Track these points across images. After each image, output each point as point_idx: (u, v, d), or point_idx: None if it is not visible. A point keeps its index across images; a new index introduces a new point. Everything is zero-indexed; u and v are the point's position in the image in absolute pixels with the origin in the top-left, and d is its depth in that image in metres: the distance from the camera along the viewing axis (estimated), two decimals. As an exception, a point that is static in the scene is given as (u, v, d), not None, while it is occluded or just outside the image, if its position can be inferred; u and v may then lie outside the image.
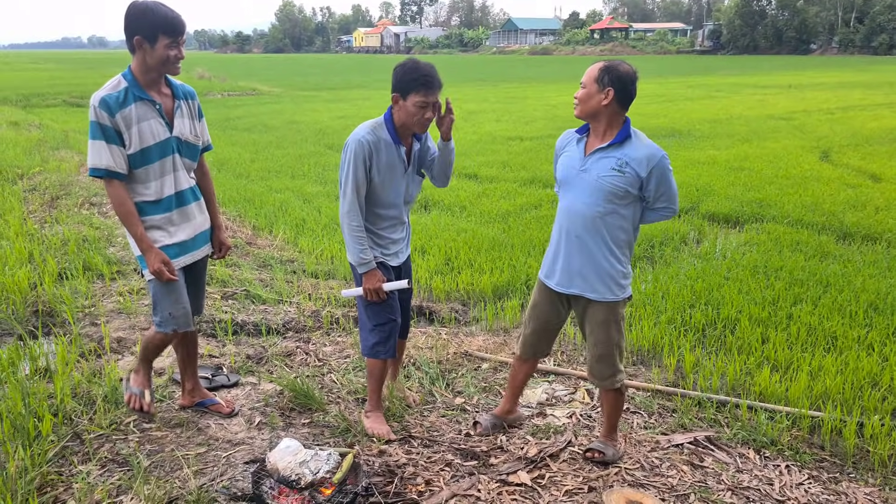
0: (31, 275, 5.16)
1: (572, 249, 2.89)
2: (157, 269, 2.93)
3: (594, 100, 2.77)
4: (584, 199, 2.83)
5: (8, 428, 3.09)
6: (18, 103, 20.87)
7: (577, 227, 2.86)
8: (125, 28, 2.83)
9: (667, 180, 2.79)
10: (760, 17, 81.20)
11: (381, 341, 3.21)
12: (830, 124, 14.88)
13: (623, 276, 2.90)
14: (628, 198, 2.79)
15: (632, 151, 2.77)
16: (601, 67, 2.77)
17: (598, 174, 2.79)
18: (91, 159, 2.84)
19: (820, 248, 6.07)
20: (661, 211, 2.88)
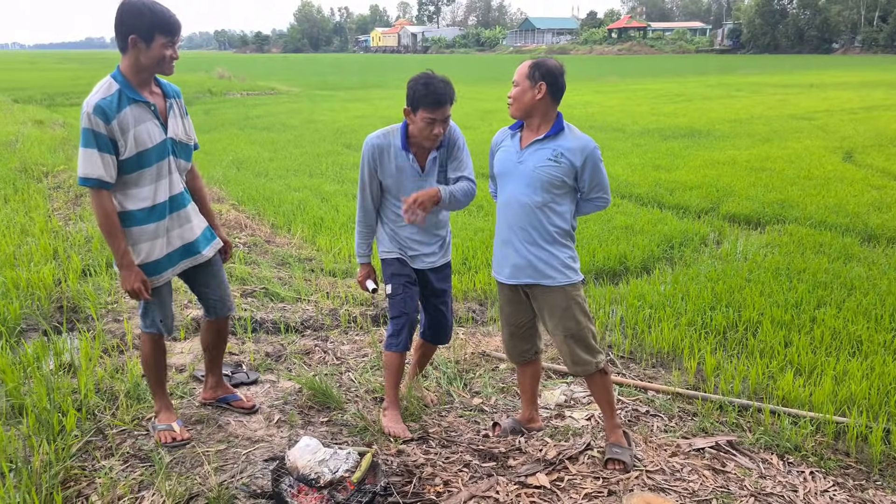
0: (55, 271, 5.23)
1: (516, 240, 2.96)
2: (136, 288, 2.89)
3: (528, 95, 2.86)
4: (523, 189, 2.91)
5: (33, 422, 3.14)
6: (43, 102, 21.20)
7: (518, 218, 2.94)
8: (118, 26, 2.74)
9: (599, 170, 2.91)
10: (781, 16, 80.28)
11: (392, 333, 3.26)
12: (854, 124, 14.67)
13: (571, 259, 2.97)
14: (564, 188, 2.90)
15: (566, 142, 2.88)
16: (531, 65, 2.86)
17: (535, 165, 2.88)
18: (82, 168, 2.75)
19: (844, 251, 5.98)
20: (596, 201, 2.99)
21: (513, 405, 3.65)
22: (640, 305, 4.75)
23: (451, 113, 3.09)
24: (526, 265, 2.95)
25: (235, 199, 8.27)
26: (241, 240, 6.54)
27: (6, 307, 4.36)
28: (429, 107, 2.99)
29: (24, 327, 4.43)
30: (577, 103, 19.90)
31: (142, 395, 3.52)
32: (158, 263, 2.98)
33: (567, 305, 2.94)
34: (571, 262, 2.97)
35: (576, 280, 2.97)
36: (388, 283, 3.29)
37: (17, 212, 7.15)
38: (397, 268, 3.28)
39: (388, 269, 3.31)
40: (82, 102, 2.84)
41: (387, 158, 3.16)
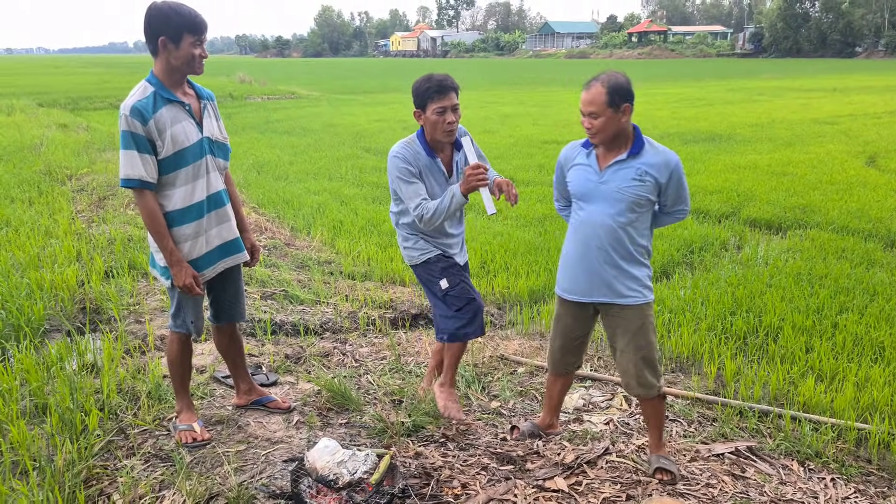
0: (79, 272, 5.32)
1: (596, 260, 2.88)
2: (188, 284, 2.93)
3: (614, 124, 2.74)
4: (607, 210, 2.83)
5: (57, 421, 3.19)
6: (67, 106, 21.54)
7: (598, 239, 2.86)
8: (147, 30, 2.81)
9: (682, 184, 2.85)
10: (804, 20, 79.36)
11: (466, 322, 3.24)
12: (877, 129, 14.47)
13: (648, 277, 2.93)
14: (648, 205, 2.84)
15: (649, 159, 2.79)
16: (608, 91, 2.69)
17: (619, 185, 2.80)
18: (124, 170, 2.81)
19: (866, 256, 5.90)
20: (676, 214, 2.95)
21: (531, 409, 3.64)
22: (660, 310, 4.72)
23: (459, 103, 3.08)
24: (602, 284, 2.89)
25: (256, 202, 8.36)
26: (261, 242, 6.60)
27: (30, 308, 4.44)
28: (435, 96, 3.03)
29: (48, 328, 4.51)
30: (595, 107, 19.77)
31: (163, 396, 3.56)
32: (198, 263, 3.02)
33: (641, 324, 2.89)
34: (648, 280, 2.92)
35: (651, 299, 2.92)
36: (443, 277, 3.25)
37: (41, 214, 7.28)
38: (444, 262, 3.27)
39: (435, 267, 3.27)
40: (106, 108, 2.89)
41: (419, 163, 3.16)
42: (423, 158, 3.16)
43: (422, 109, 3.09)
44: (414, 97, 3.11)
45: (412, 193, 3.09)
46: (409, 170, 3.11)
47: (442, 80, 3.05)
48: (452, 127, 3.09)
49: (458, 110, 3.10)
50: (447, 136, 3.11)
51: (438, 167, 3.18)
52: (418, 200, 3.08)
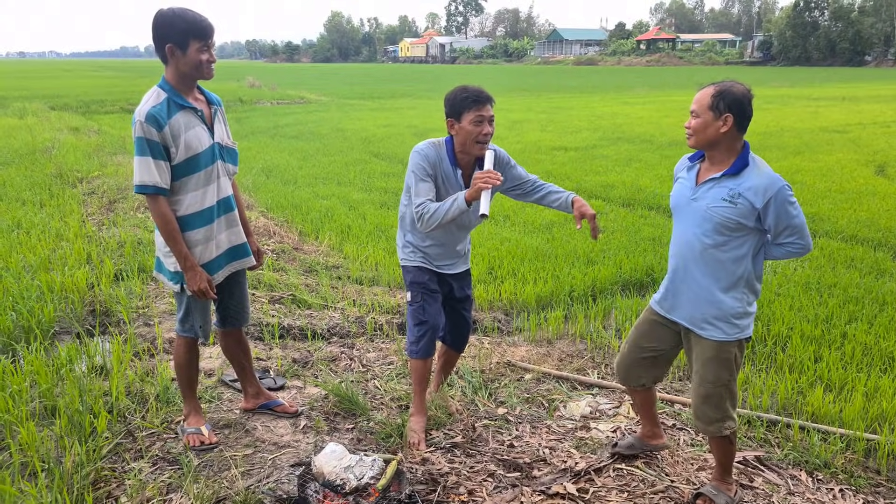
0: (89, 275, 5.35)
1: (681, 279, 2.77)
2: (202, 288, 2.95)
3: (711, 128, 2.60)
4: (694, 229, 2.70)
5: (66, 423, 3.21)
6: (79, 109, 21.68)
7: (686, 258, 2.74)
8: (155, 38, 2.83)
9: (787, 213, 2.57)
10: (813, 29, 79.25)
11: (413, 340, 3.28)
12: (887, 138, 14.41)
13: (738, 314, 2.68)
14: (743, 230, 2.61)
15: (746, 181, 2.59)
16: (714, 93, 2.58)
17: (708, 205, 2.64)
18: (138, 176, 2.82)
19: (876, 265, 5.87)
20: (788, 247, 2.65)
21: (537, 415, 3.64)
22: (667, 318, 4.71)
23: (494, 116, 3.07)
24: (686, 305, 2.76)
25: (264, 207, 8.39)
26: (269, 247, 6.62)
27: (41, 310, 4.47)
28: (472, 106, 3.01)
29: (58, 330, 4.54)
30: (604, 114, 19.84)
31: (171, 399, 3.58)
32: (209, 267, 3.04)
33: (715, 358, 2.70)
34: (737, 317, 2.68)
35: (731, 338, 2.69)
36: (408, 290, 3.31)
37: (52, 217, 7.33)
38: (416, 275, 3.28)
39: (407, 276, 3.32)
40: (118, 111, 2.91)
41: (441, 168, 3.14)
42: (445, 165, 3.14)
43: (456, 119, 3.05)
44: (448, 106, 3.08)
45: (421, 191, 3.06)
46: (426, 169, 3.08)
47: (480, 91, 3.04)
48: (488, 138, 3.07)
49: (493, 121, 3.09)
50: (480, 147, 3.08)
51: (458, 180, 3.16)
52: (424, 199, 3.05)
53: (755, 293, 2.74)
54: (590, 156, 12.28)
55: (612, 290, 5.47)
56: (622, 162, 11.53)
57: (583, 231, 7.02)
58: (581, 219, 3.12)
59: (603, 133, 15.63)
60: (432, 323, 3.27)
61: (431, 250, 3.28)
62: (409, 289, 3.31)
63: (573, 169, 10.83)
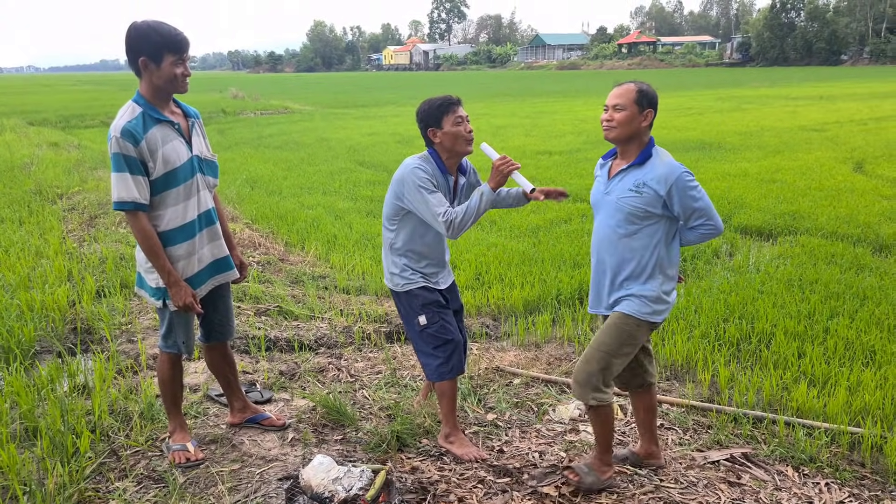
0: (70, 292, 5.29)
1: (602, 272, 2.88)
2: (188, 303, 2.91)
3: (635, 122, 2.73)
4: (608, 221, 2.82)
5: (47, 444, 3.16)
6: (58, 124, 21.50)
7: (601, 250, 2.86)
8: (128, 51, 2.78)
9: (691, 197, 2.70)
10: (790, 29, 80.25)
11: (442, 362, 3.18)
12: (864, 135, 14.60)
13: (651, 298, 2.77)
14: (652, 218, 2.74)
15: (650, 171, 2.72)
16: (638, 90, 2.72)
17: (618, 196, 2.78)
18: (116, 192, 2.77)
19: (856, 261, 5.94)
20: (699, 229, 2.78)
21: (527, 420, 3.64)
22: (653, 319, 4.73)
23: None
24: (607, 296, 2.87)
25: (249, 218, 8.35)
26: (254, 258, 6.59)
27: (21, 329, 4.41)
28: (449, 108, 3.06)
29: (39, 349, 4.48)
30: (588, 118, 19.94)
31: (155, 416, 3.54)
32: (192, 281, 3.00)
33: (612, 323, 2.80)
34: (649, 299, 2.77)
35: (637, 314, 2.77)
36: (422, 313, 3.20)
37: (31, 234, 7.25)
38: (425, 297, 3.21)
39: (415, 301, 3.21)
40: (98, 126, 2.88)
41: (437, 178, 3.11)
42: (439, 176, 3.13)
43: (437, 126, 3.07)
44: (424, 119, 3.09)
45: (437, 202, 3.00)
46: (430, 180, 3.05)
47: (450, 97, 3.10)
48: (472, 135, 3.10)
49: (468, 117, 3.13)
50: (468, 144, 3.09)
51: (449, 187, 3.17)
52: (444, 208, 2.99)
53: (670, 279, 2.84)
54: (574, 159, 12.34)
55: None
56: (605, 165, 11.58)
57: (569, 235, 7.05)
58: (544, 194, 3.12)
59: (587, 137, 15.72)
60: (457, 339, 3.21)
61: (428, 269, 3.25)
62: (421, 312, 3.20)
63: (558, 173, 10.88)
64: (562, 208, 8.32)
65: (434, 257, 3.26)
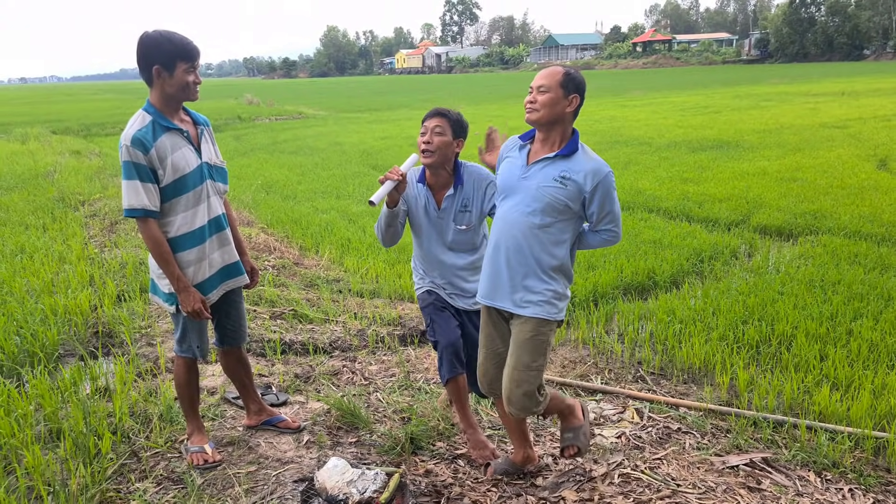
0: (91, 297, 5.36)
1: (504, 261, 2.74)
2: (196, 309, 2.93)
3: (559, 106, 2.64)
4: (522, 207, 2.70)
5: (70, 446, 3.21)
6: (80, 133, 21.86)
7: (510, 237, 2.72)
8: (140, 60, 2.82)
9: (611, 198, 2.67)
10: (809, 24, 79.32)
11: (439, 365, 3.19)
12: (888, 131, 14.37)
13: (557, 295, 2.74)
14: (567, 213, 2.68)
15: (577, 164, 2.65)
16: (564, 73, 2.64)
17: (539, 183, 2.67)
18: (127, 200, 2.81)
19: (880, 261, 5.84)
20: (604, 234, 2.75)
21: (541, 424, 3.62)
22: (671, 320, 4.70)
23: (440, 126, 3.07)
24: (504, 287, 2.75)
25: (264, 223, 8.41)
26: (270, 262, 6.63)
27: (45, 333, 4.47)
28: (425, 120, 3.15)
29: (62, 352, 4.54)
30: (602, 118, 19.85)
31: (174, 418, 3.57)
32: (203, 286, 3.03)
33: (532, 336, 2.72)
34: (556, 298, 2.73)
35: (551, 318, 2.73)
36: (424, 314, 3.27)
37: (55, 240, 7.36)
38: (424, 300, 3.27)
39: (421, 302, 3.31)
40: (118, 133, 2.92)
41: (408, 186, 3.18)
42: (412, 182, 3.19)
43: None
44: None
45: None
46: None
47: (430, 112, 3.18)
48: (423, 146, 3.10)
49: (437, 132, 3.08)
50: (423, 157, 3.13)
51: (425, 196, 3.18)
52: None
53: (569, 279, 2.81)
54: (589, 160, 12.27)
55: (614, 294, 5.45)
56: (621, 165, 11.53)
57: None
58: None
59: (601, 137, 15.63)
60: (446, 341, 3.15)
61: (437, 280, 3.28)
62: (423, 312, 3.27)
63: (573, 174, 10.82)
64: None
65: (438, 269, 3.24)
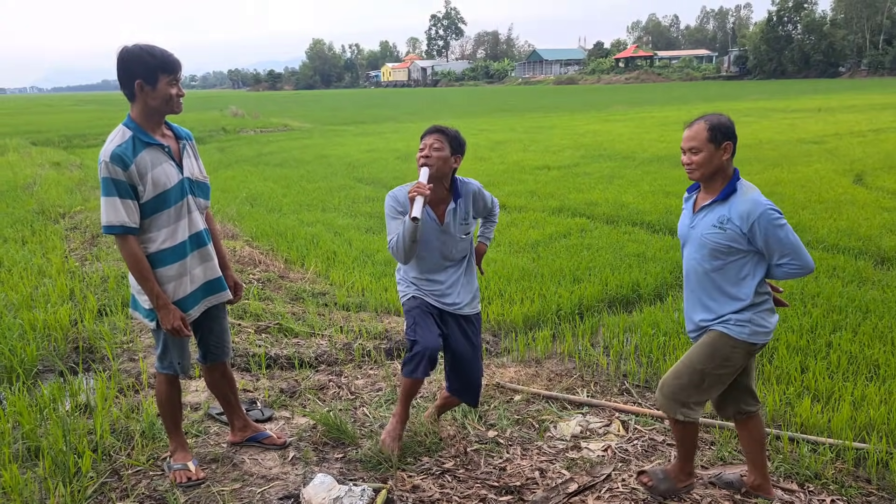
0: (72, 311, 5.29)
1: (691, 300, 2.90)
2: (176, 327, 2.90)
3: (715, 160, 2.72)
4: (694, 255, 2.84)
5: (49, 464, 3.15)
6: (60, 144, 21.63)
7: (691, 282, 2.88)
8: (121, 75, 2.79)
9: (775, 235, 2.65)
10: (787, 42, 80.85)
11: (406, 361, 3.21)
12: (863, 147, 14.65)
13: (742, 320, 2.74)
14: (736, 253, 2.72)
15: (733, 207, 2.71)
16: (709, 127, 2.72)
17: (702, 232, 2.78)
18: (105, 217, 2.78)
19: (858, 274, 5.94)
20: (785, 267, 2.72)
21: (528, 437, 3.62)
22: (655, 333, 4.73)
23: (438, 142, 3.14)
24: (696, 329, 2.88)
25: (249, 236, 8.36)
26: (254, 276, 6.59)
27: (23, 349, 4.41)
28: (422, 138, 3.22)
29: (41, 368, 4.48)
30: (586, 132, 20.02)
31: (157, 435, 3.53)
32: (184, 302, 2.99)
33: (706, 342, 2.80)
34: (738, 322, 2.74)
35: (732, 333, 2.74)
36: (406, 316, 3.34)
37: (34, 253, 7.27)
38: (409, 304, 3.34)
39: (405, 306, 3.38)
40: (100, 145, 2.89)
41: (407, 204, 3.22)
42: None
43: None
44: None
45: (391, 229, 3.22)
46: (396, 208, 3.22)
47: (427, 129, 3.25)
48: (423, 160, 3.15)
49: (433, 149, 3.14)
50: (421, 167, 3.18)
51: (429, 214, 3.22)
52: (393, 235, 3.20)
53: (766, 304, 2.79)
54: (572, 174, 12.38)
55: (599, 307, 5.49)
56: (604, 179, 11.64)
57: (568, 249, 7.06)
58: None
59: (585, 151, 15.77)
60: (424, 343, 3.17)
61: (425, 285, 3.34)
62: (406, 315, 3.34)
63: (556, 187, 10.91)
64: (561, 223, 8.33)
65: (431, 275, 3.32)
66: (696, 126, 2.76)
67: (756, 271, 2.74)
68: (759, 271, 2.75)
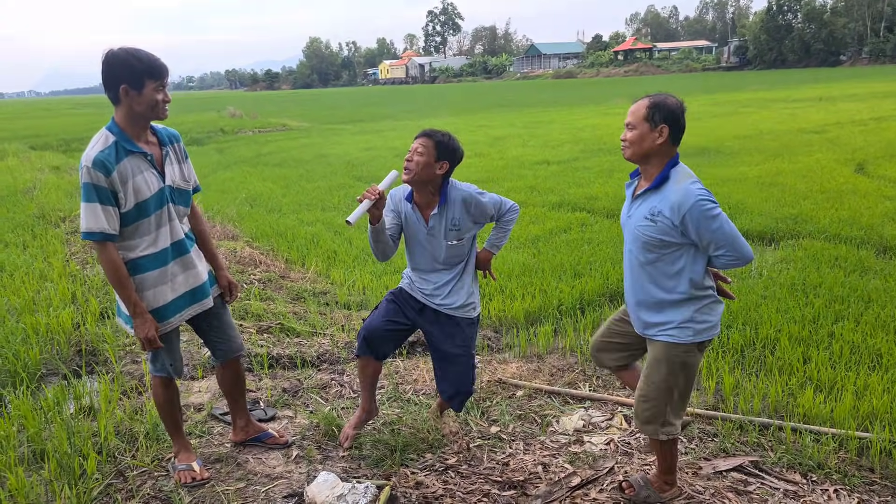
0: (74, 315, 5.30)
1: (630, 293, 2.81)
2: (150, 337, 2.85)
3: (647, 140, 2.58)
4: (630, 246, 2.74)
5: (55, 467, 3.17)
6: (59, 148, 21.64)
7: (630, 274, 2.79)
8: (106, 79, 2.73)
9: (708, 227, 2.50)
10: (787, 31, 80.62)
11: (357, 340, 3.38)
12: (864, 136, 14.61)
13: (685, 321, 2.65)
14: (670, 246, 2.60)
15: (666, 197, 2.56)
16: (649, 105, 2.58)
17: (636, 223, 2.66)
18: (85, 223, 2.74)
19: (860, 263, 5.93)
20: (722, 258, 2.59)
21: (530, 432, 3.63)
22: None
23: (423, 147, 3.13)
24: (635, 315, 2.81)
25: (249, 236, 8.37)
26: (255, 276, 6.60)
27: (26, 353, 4.42)
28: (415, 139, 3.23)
29: (45, 372, 4.49)
30: (585, 126, 19.99)
31: (161, 436, 3.54)
32: (165, 310, 2.96)
33: (659, 360, 2.70)
34: (683, 323, 2.65)
35: (681, 341, 2.65)
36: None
37: (35, 258, 7.28)
38: (391, 295, 3.44)
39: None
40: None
41: (399, 205, 3.30)
42: (403, 205, 3.29)
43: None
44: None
45: None
46: (390, 206, 3.29)
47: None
48: (405, 164, 3.16)
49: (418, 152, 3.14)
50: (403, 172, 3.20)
51: (414, 214, 3.27)
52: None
53: (707, 299, 2.68)
54: (572, 168, 12.37)
55: (600, 301, 5.49)
56: (604, 173, 11.62)
57: (569, 244, 7.06)
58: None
59: (584, 145, 15.75)
60: (368, 326, 3.33)
61: (417, 281, 3.39)
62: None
63: (556, 182, 10.90)
64: (561, 218, 8.33)
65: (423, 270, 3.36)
66: (638, 103, 2.62)
67: (693, 265, 2.62)
68: (698, 265, 2.62)
